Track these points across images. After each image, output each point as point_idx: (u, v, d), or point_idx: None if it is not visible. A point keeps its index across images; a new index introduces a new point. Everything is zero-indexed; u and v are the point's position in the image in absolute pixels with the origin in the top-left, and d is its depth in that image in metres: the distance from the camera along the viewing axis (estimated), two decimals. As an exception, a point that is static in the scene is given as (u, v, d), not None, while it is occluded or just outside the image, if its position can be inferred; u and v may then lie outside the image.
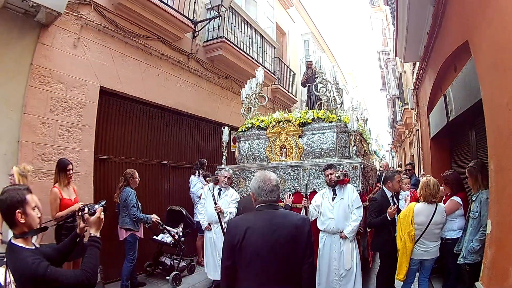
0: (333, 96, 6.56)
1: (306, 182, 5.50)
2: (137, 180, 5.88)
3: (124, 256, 5.72)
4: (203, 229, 6.29)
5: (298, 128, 6.30)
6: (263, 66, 10.21)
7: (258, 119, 6.76)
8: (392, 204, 4.97)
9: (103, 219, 2.61)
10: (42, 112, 5.09)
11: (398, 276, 4.49)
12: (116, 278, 6.06)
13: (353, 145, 5.94)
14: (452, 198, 4.76)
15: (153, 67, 7.15)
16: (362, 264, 5.13)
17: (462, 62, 4.78)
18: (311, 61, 9.61)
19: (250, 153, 6.75)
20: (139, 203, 5.74)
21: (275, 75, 11.42)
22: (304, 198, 5.22)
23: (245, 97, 7.19)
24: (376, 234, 5.24)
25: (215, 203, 5.58)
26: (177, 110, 7.81)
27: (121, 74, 6.33)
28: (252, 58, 9.39)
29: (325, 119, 6.13)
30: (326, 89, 6.57)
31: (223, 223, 5.60)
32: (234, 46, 8.68)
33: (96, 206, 2.63)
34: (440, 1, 4.90)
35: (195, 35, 8.29)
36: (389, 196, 5.19)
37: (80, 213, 2.64)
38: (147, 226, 5.96)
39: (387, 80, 18.18)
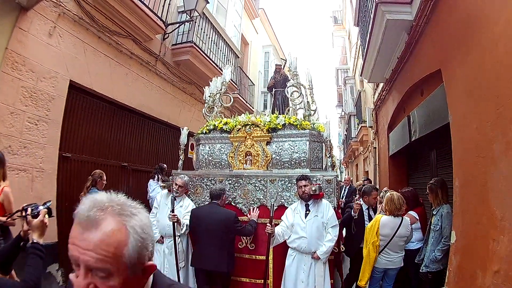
0: (307, 101, 6.19)
1: (273, 202, 5.08)
2: (104, 182, 5.84)
3: None
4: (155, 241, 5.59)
5: (266, 134, 5.73)
6: (232, 81, 10.23)
7: (221, 121, 6.14)
8: (366, 216, 5.45)
9: (47, 224, 2.38)
10: (12, 101, 4.94)
11: (360, 282, 4.82)
12: None
13: (328, 156, 5.66)
14: (409, 212, 5.25)
15: (122, 66, 7.18)
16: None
17: (430, 87, 5.32)
18: (280, 65, 9.36)
19: (210, 158, 6.12)
20: None
21: (236, 84, 11.63)
22: (268, 225, 4.45)
23: (209, 96, 6.65)
24: (347, 240, 5.56)
25: (172, 211, 4.95)
26: (141, 112, 7.85)
27: (91, 69, 6.32)
28: (217, 66, 9.41)
29: (298, 126, 5.66)
30: (300, 94, 6.16)
31: (177, 236, 5.03)
32: (201, 52, 8.95)
33: (40, 207, 2.38)
34: (416, 30, 5.36)
35: (165, 37, 8.42)
36: (364, 209, 5.56)
37: (23, 214, 2.39)
38: None
39: (344, 98, 18.84)
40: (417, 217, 5.25)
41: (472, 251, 3.40)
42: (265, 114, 6.20)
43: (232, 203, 5.54)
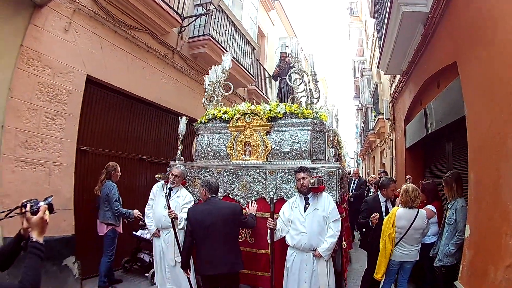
0: (310, 89, 5.73)
1: (272, 196, 4.78)
2: (118, 174, 5.81)
3: (102, 251, 5.60)
4: (150, 234, 5.60)
5: (266, 123, 5.40)
6: (243, 67, 10.17)
7: (220, 110, 5.85)
8: (383, 209, 5.21)
9: (47, 221, 2.16)
10: (28, 97, 4.91)
11: (377, 275, 4.75)
12: (93, 273, 5.96)
13: (330, 146, 5.18)
14: (427, 206, 5.11)
15: (139, 60, 7.13)
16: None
17: (446, 80, 5.14)
18: (285, 53, 8.59)
19: (208, 148, 5.83)
20: (120, 198, 5.64)
21: (253, 77, 11.45)
22: (270, 219, 4.29)
23: (208, 85, 6.36)
24: (365, 234, 5.47)
25: (169, 207, 4.85)
26: (159, 105, 7.79)
27: (108, 64, 6.28)
28: (234, 58, 9.27)
29: (299, 115, 5.30)
30: (302, 81, 5.72)
31: (177, 231, 4.92)
32: (218, 45, 8.81)
33: (41, 203, 2.17)
34: (432, 22, 5.19)
35: (182, 30, 8.35)
36: (381, 202, 5.35)
37: (22, 210, 2.17)
38: (127, 222, 5.89)
39: (362, 89, 18.47)
40: (435, 211, 5.10)
41: (485, 245, 3.35)
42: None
43: (230, 196, 5.34)
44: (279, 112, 5.35)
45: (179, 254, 4.87)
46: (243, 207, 5.09)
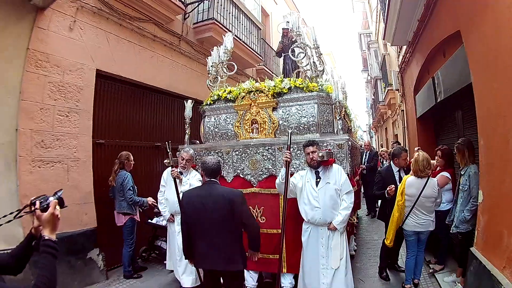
0: (313, 62, 5.51)
1: (290, 131, 4.25)
2: (131, 162, 5.80)
3: (123, 241, 5.67)
4: (165, 220, 5.50)
5: (271, 99, 5.23)
6: (249, 47, 10.00)
7: (225, 90, 5.69)
8: (397, 178, 5.22)
9: (59, 216, 2.02)
10: (40, 97, 4.96)
11: (386, 241, 4.90)
12: (117, 264, 6.08)
13: (338, 118, 5.01)
14: (441, 173, 5.12)
15: (146, 49, 7.13)
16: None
17: (451, 48, 5.08)
18: (287, 29, 8.35)
19: (216, 130, 5.68)
20: (135, 186, 5.66)
21: (260, 56, 11.34)
22: (286, 151, 4.02)
23: (211, 66, 6.13)
24: (382, 205, 5.50)
25: (172, 166, 4.82)
26: (169, 91, 7.80)
27: (116, 56, 6.30)
28: (240, 39, 9.16)
29: (304, 88, 5.12)
30: (305, 55, 5.49)
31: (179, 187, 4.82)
32: (223, 27, 8.71)
33: (51, 199, 2.03)
34: None
35: (186, 16, 8.30)
36: (395, 171, 5.37)
37: (31, 208, 2.03)
38: (141, 210, 5.92)
39: (369, 62, 18.15)
40: (450, 177, 5.09)
41: (498, 210, 3.36)
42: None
43: (240, 175, 5.20)
44: (284, 87, 5.18)
45: None
46: (254, 185, 5.06)
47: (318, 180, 4.23)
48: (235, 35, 9.25)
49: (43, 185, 4.82)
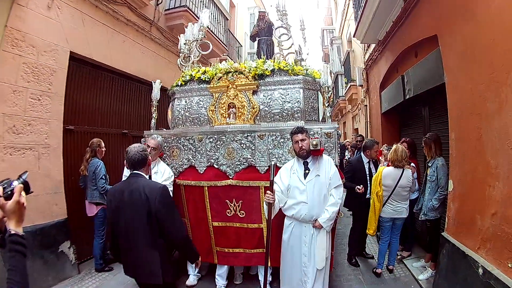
0: (299, 44, 5.14)
1: (274, 163, 3.87)
2: (103, 149, 5.58)
3: (93, 232, 5.46)
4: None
5: (252, 82, 4.70)
6: (217, 37, 9.75)
7: (199, 70, 5.11)
8: (367, 169, 5.57)
9: (25, 204, 1.68)
10: (14, 79, 4.66)
11: (368, 231, 5.16)
12: (88, 256, 5.91)
13: (327, 105, 4.59)
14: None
15: (119, 33, 6.91)
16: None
17: (425, 50, 5.45)
18: (264, 12, 8.09)
19: (187, 114, 5.08)
20: (107, 175, 5.46)
21: (226, 46, 11.03)
22: (268, 192, 3.64)
23: (184, 44, 5.55)
24: (350, 194, 5.56)
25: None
26: (138, 77, 7.57)
27: (90, 39, 6.05)
28: (209, 29, 8.89)
29: (289, 71, 4.70)
30: (290, 37, 5.14)
31: None
32: (195, 16, 8.64)
33: (15, 183, 1.71)
34: None
35: (159, 2, 8.17)
36: (365, 162, 5.64)
37: None
38: None
39: (331, 57, 18.26)
40: (415, 166, 5.42)
41: (470, 197, 3.72)
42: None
43: (215, 165, 4.68)
44: (266, 69, 4.70)
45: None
46: (230, 177, 4.57)
47: (307, 172, 3.83)
48: (208, 29, 9.01)
49: (14, 174, 4.33)
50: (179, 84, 5.21)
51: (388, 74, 7.98)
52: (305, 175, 3.81)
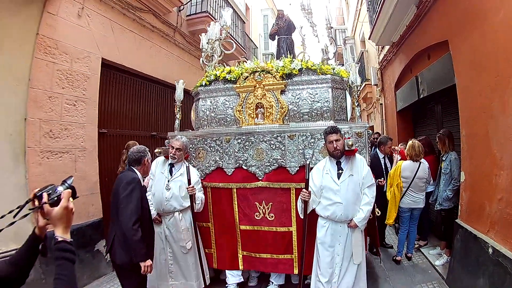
0: (325, 44, 4.93)
1: (308, 161, 3.60)
2: None
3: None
4: None
5: (280, 81, 4.50)
6: (236, 40, 9.69)
7: (224, 70, 4.90)
8: (383, 164, 5.81)
9: (73, 210, 1.52)
10: (48, 85, 4.70)
11: (388, 220, 5.35)
12: None
13: (357, 104, 4.47)
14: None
15: (146, 40, 7.11)
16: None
17: (437, 53, 5.64)
18: (282, 10, 7.70)
19: (212, 114, 4.83)
20: None
21: (244, 49, 10.97)
22: (304, 190, 3.55)
23: (207, 43, 5.29)
24: None
25: (189, 182, 3.92)
26: (165, 82, 7.68)
27: (119, 46, 6.23)
28: (229, 33, 8.76)
29: (317, 71, 4.49)
30: (316, 36, 5.01)
31: (195, 208, 4.12)
32: (215, 21, 8.16)
33: (60, 188, 1.52)
34: (425, 5, 5.58)
35: (181, 8, 8.29)
36: (381, 157, 5.92)
37: (36, 204, 1.49)
38: None
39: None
40: (428, 165, 5.56)
41: (479, 186, 4.00)
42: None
43: (243, 166, 4.47)
44: (294, 68, 4.51)
45: (188, 239, 4.12)
46: (260, 178, 4.35)
47: (340, 172, 3.69)
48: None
49: (51, 177, 4.65)
50: (203, 84, 4.97)
51: (402, 75, 8.12)
52: (339, 175, 3.68)
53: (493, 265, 3.37)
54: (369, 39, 9.04)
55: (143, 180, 3.51)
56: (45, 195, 1.46)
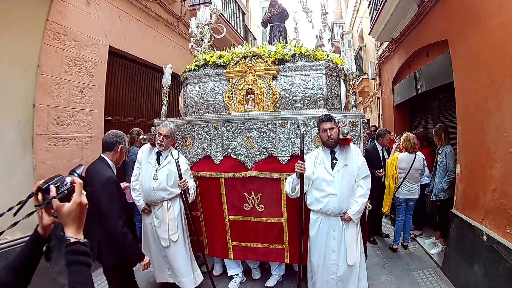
0: (320, 29, 4.65)
1: (302, 132, 3.34)
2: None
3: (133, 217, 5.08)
4: (139, 211, 4.18)
5: (272, 67, 4.22)
6: (236, 31, 9.49)
7: (213, 54, 4.60)
8: (381, 155, 5.86)
9: (87, 205, 1.27)
10: (57, 72, 4.65)
11: (383, 209, 5.47)
12: None
13: (352, 92, 4.28)
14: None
15: (151, 29, 7.12)
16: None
17: (435, 51, 5.79)
18: None
19: (201, 100, 4.54)
20: None
21: (244, 39, 10.95)
22: (299, 162, 3.24)
23: (196, 27, 4.96)
24: None
25: (180, 177, 3.74)
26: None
27: (126, 34, 6.23)
28: (229, 23, 8.77)
29: (311, 57, 4.23)
30: (310, 22, 4.71)
31: (189, 199, 3.97)
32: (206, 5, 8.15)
33: (68, 179, 1.24)
34: (426, 4, 5.68)
35: None
36: (379, 149, 6.00)
37: (40, 198, 1.22)
38: None
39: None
40: (423, 157, 5.67)
41: (474, 178, 4.17)
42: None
43: (232, 155, 4.21)
44: (287, 53, 4.24)
45: (174, 231, 3.87)
46: (249, 168, 4.09)
47: (334, 162, 3.46)
48: (225, 19, 8.75)
49: (59, 164, 4.68)
50: (192, 69, 4.67)
51: (401, 70, 8.24)
52: (332, 165, 3.45)
53: (488, 251, 3.59)
54: (369, 34, 9.09)
55: (115, 170, 3.11)
56: (52, 188, 1.20)
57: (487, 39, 3.80)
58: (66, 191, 1.20)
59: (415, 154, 5.33)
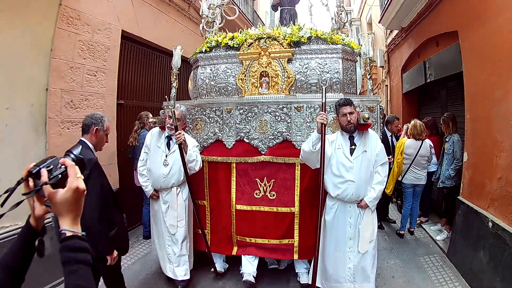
0: (336, 13, 4.47)
1: (324, 86, 3.27)
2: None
3: (142, 201, 5.51)
4: (148, 197, 4.09)
5: (287, 49, 4.03)
6: (246, 17, 9.22)
7: (226, 36, 4.39)
8: (390, 142, 5.89)
9: (85, 191, 1.03)
10: (70, 56, 4.54)
11: (387, 190, 5.32)
12: (136, 224, 6.02)
13: (369, 77, 4.14)
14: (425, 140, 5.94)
15: (163, 13, 6.97)
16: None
17: (445, 41, 5.77)
18: None
19: (212, 83, 4.33)
20: None
21: (253, 24, 10.61)
22: (321, 113, 3.12)
23: (208, 8, 4.75)
24: None
25: (176, 129, 3.43)
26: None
27: (138, 18, 6.07)
28: (241, 11, 8.48)
29: (328, 40, 4.03)
30: (326, 4, 4.57)
31: (187, 165, 3.67)
32: None
33: (60, 164, 1.05)
34: None
35: None
36: (388, 135, 6.04)
37: (32, 185, 1.01)
38: None
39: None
40: (431, 145, 5.68)
41: (481, 166, 4.23)
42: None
43: (245, 139, 4.04)
44: (303, 36, 4.02)
45: (181, 218, 3.73)
46: (263, 152, 3.92)
47: (353, 147, 3.35)
48: (236, 4, 8.57)
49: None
50: (203, 51, 4.47)
51: (410, 59, 8.17)
52: (351, 151, 3.34)
53: (493, 237, 3.67)
54: (379, 22, 8.99)
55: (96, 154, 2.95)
56: (44, 172, 0.99)
57: (497, 32, 3.85)
58: (60, 175, 1.00)
59: (422, 141, 5.36)
